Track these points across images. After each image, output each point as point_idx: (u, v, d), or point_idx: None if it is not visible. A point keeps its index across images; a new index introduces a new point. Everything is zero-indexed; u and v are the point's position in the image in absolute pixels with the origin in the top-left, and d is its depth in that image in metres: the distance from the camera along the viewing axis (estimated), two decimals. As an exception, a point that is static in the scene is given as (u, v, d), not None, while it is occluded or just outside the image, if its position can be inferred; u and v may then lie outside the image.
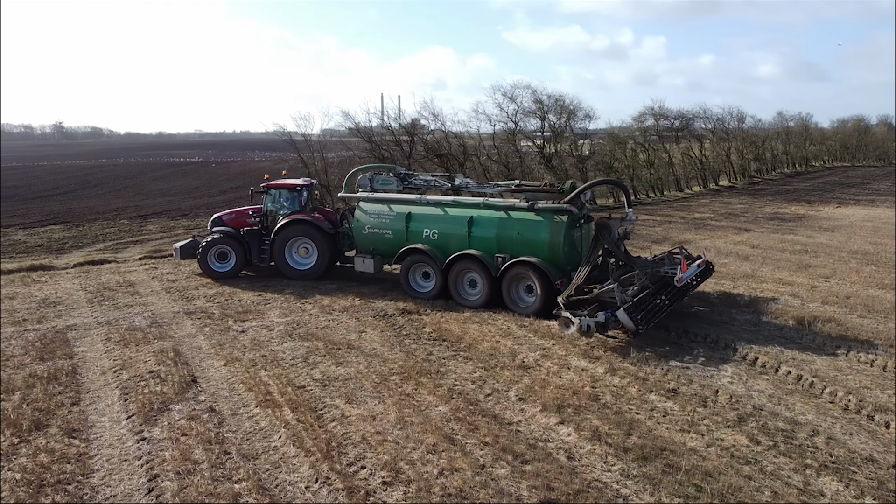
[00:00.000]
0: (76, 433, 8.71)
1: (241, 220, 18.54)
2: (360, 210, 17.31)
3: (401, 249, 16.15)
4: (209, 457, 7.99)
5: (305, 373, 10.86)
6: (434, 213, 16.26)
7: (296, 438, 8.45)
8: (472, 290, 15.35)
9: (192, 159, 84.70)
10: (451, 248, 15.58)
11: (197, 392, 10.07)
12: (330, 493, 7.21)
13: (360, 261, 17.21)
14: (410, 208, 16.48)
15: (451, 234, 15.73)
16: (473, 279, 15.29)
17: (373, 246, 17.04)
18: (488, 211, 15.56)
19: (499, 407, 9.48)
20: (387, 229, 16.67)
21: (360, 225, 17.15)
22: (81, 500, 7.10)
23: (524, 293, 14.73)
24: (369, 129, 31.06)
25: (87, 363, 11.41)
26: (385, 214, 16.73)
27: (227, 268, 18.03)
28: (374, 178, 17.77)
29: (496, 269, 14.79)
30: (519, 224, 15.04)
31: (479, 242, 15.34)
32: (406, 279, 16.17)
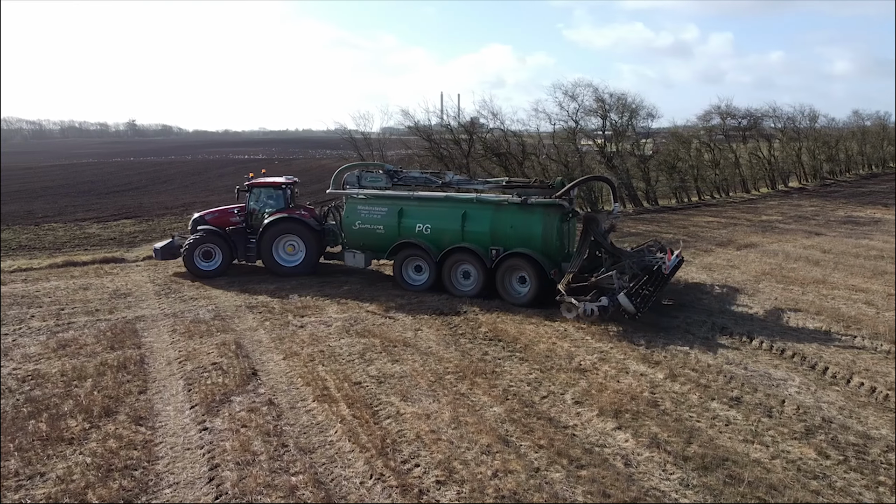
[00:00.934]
0: (143, 421, 9.03)
1: (224, 219, 18.55)
2: (351, 206, 17.69)
3: (393, 244, 16.74)
4: (267, 449, 8.16)
5: (361, 369, 10.97)
6: (427, 208, 16.82)
7: (351, 434, 8.55)
8: (465, 282, 16.09)
9: (256, 156, 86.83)
10: (445, 241, 16.26)
11: (257, 385, 10.30)
12: (384, 489, 7.26)
13: (351, 255, 17.73)
14: (402, 204, 17.01)
15: (445, 228, 16.36)
16: (467, 271, 16.04)
17: (363, 241, 17.53)
18: (481, 206, 16.22)
19: (554, 410, 9.36)
20: (378, 225, 17.16)
21: (351, 221, 17.57)
22: (147, 486, 7.35)
23: (517, 284, 15.47)
24: (428, 127, 31.21)
25: (153, 353, 11.83)
26: (376, 210, 17.26)
27: (212, 266, 17.92)
28: (362, 176, 18.17)
29: (491, 261, 15.59)
30: (512, 218, 15.73)
31: (472, 236, 16.04)
32: (399, 272, 16.77)
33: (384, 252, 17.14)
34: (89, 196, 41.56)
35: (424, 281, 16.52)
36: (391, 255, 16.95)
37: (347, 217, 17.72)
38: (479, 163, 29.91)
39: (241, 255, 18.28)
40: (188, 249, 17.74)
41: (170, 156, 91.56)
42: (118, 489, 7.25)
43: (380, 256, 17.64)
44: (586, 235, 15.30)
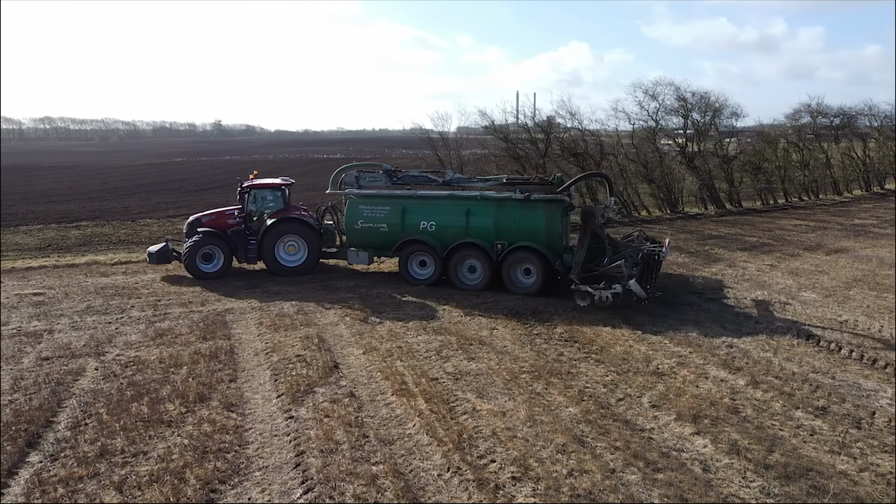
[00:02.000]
0: (234, 407, 9.57)
1: (221, 221, 18.47)
2: (353, 205, 18.06)
3: (397, 241, 17.29)
4: (349, 438, 8.51)
5: (438, 366, 11.22)
6: (431, 206, 17.38)
7: (429, 428, 8.79)
8: (471, 275, 16.83)
9: (335, 156, 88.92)
10: (449, 237, 16.91)
11: (338, 377, 10.71)
12: (461, 483, 7.46)
13: (354, 254, 18.09)
14: (406, 202, 17.52)
15: (449, 224, 17.02)
16: (473, 265, 16.78)
17: (366, 239, 17.95)
18: (485, 203, 16.92)
19: (631, 412, 9.34)
20: (382, 223, 17.61)
21: (353, 220, 17.97)
22: (238, 469, 7.82)
23: (522, 276, 16.34)
24: (505, 127, 31.26)
25: (242, 344, 12.45)
26: (379, 209, 17.70)
27: (214, 268, 17.87)
28: (361, 176, 18.42)
29: (497, 254, 16.37)
30: (515, 213, 16.57)
31: (476, 232, 16.75)
32: (405, 268, 17.38)
33: (387, 249, 17.72)
34: (179, 193, 43.70)
35: (430, 275, 17.16)
36: (396, 253, 17.48)
37: (350, 216, 18.14)
38: (556, 163, 29.74)
39: (241, 256, 18.26)
40: (189, 252, 17.62)
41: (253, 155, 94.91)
42: (213, 469, 7.74)
43: (382, 254, 18.22)
44: (586, 228, 16.19)
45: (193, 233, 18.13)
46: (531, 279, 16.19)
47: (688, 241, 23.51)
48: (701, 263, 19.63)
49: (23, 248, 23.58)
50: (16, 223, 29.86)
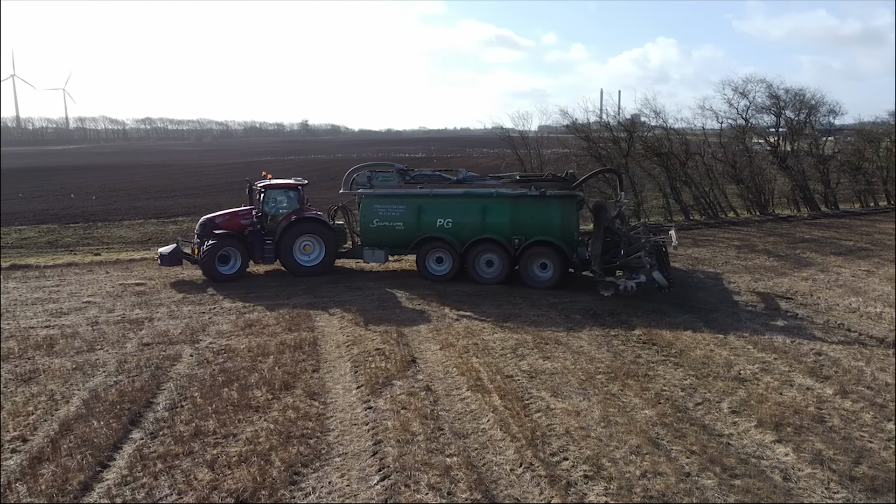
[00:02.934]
0: (316, 396, 10.01)
1: (235, 222, 18.22)
2: (367, 205, 18.27)
3: (414, 239, 17.62)
4: (425, 430, 8.76)
5: (514, 363, 11.34)
6: (447, 204, 17.77)
7: (503, 424, 8.93)
8: (488, 270, 17.31)
9: (416, 155, 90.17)
10: (466, 234, 17.36)
11: (415, 371, 11.00)
12: (533, 478, 7.57)
13: (370, 252, 18.31)
14: (421, 201, 17.88)
15: (466, 221, 17.47)
16: (490, 259, 17.26)
17: (382, 238, 18.17)
18: (501, 200, 17.44)
19: (709, 417, 9.17)
20: (398, 222, 17.93)
21: (368, 219, 18.20)
22: (320, 454, 8.21)
23: (538, 270, 16.89)
24: (586, 126, 30.93)
25: (325, 336, 12.96)
26: (395, 208, 17.99)
27: (232, 270, 17.64)
28: (374, 176, 18.69)
29: (514, 249, 16.88)
30: (531, 209, 17.16)
31: (493, 228, 17.24)
32: (423, 264, 17.73)
33: (403, 248, 18.03)
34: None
35: (447, 271, 17.57)
36: (413, 250, 17.80)
37: (365, 215, 18.34)
38: (639, 163, 29.21)
39: (258, 257, 18.12)
40: (208, 255, 17.31)
41: (337, 154, 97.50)
42: (296, 454, 8.15)
43: (398, 252, 18.51)
44: (599, 222, 16.80)
45: (208, 234, 17.83)
46: (547, 273, 16.82)
47: (777, 245, 22.62)
48: (791, 267, 18.87)
49: (126, 241, 25.25)
50: (119, 218, 31.96)
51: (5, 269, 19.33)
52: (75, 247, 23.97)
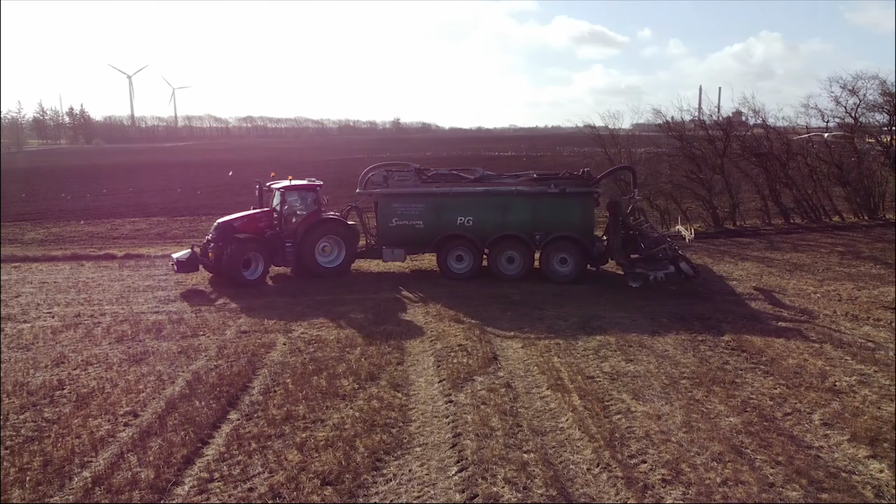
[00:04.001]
0: (399, 388, 10.36)
1: (254, 225, 17.66)
2: (386, 204, 18.23)
3: (435, 237, 17.76)
4: (503, 426, 8.92)
5: (595, 364, 11.32)
6: (467, 202, 17.94)
7: (581, 423, 8.98)
8: (510, 266, 17.69)
9: (506, 153, 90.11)
10: (487, 231, 17.66)
11: (496, 368, 11.18)
12: (609, 479, 7.59)
13: (390, 252, 18.24)
14: (441, 200, 18.00)
15: (487, 219, 17.73)
16: (511, 256, 17.67)
17: (401, 237, 18.18)
18: (521, 197, 17.82)
19: (798, 428, 8.87)
20: (417, 220, 18.03)
21: (387, 218, 18.20)
22: (401, 443, 8.53)
23: (558, 265, 17.47)
24: (680, 125, 30.08)
25: (410, 331, 13.34)
26: (414, 206, 18.05)
27: (254, 275, 16.99)
28: (390, 175, 18.58)
29: (536, 245, 17.39)
30: (552, 206, 17.67)
31: (514, 225, 17.60)
32: (444, 262, 17.89)
33: (422, 246, 18.19)
34: (360, 188, 46.65)
35: (467, 269, 17.81)
36: (434, 248, 17.93)
37: (383, 215, 18.27)
38: (735, 163, 28.13)
39: (279, 260, 17.61)
40: (232, 260, 16.58)
41: (426, 152, 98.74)
42: (379, 441, 8.51)
43: (417, 251, 18.58)
44: (615, 217, 17.40)
45: (227, 238, 16.98)
46: (567, 267, 17.46)
47: (885, 252, 21.28)
48: (899, 276, 17.75)
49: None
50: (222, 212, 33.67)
51: (120, 257, 20.93)
52: (182, 238, 25.56)
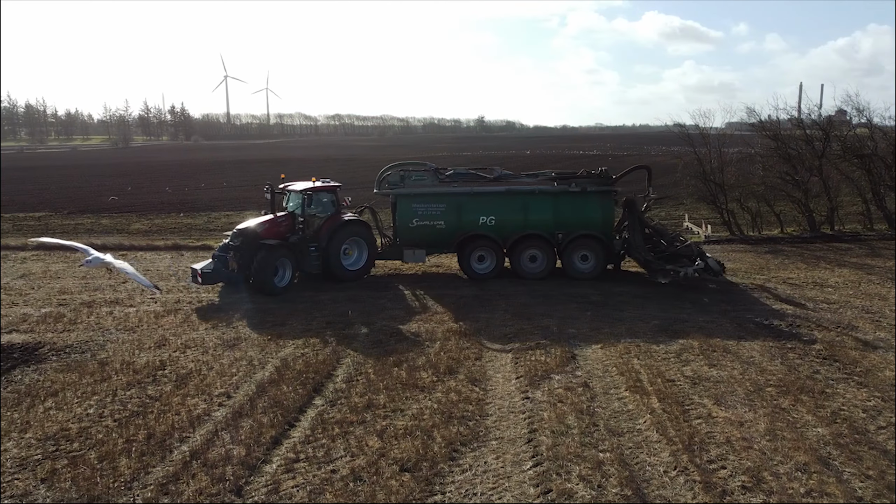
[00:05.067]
0: (477, 382, 10.55)
1: (276, 230, 16.65)
2: (405, 204, 18.05)
3: (455, 237, 17.62)
4: (580, 424, 8.96)
5: (676, 368, 11.13)
6: (489, 201, 17.93)
7: (660, 426, 8.89)
8: (532, 265, 17.70)
9: (591, 152, 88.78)
10: (509, 231, 17.65)
11: (574, 367, 11.18)
12: (686, 482, 7.51)
13: (411, 252, 18.05)
14: (462, 199, 17.92)
15: (509, 218, 17.75)
16: (534, 255, 17.68)
17: (422, 237, 18.02)
18: (543, 196, 17.98)
19: (893, 443, 8.47)
20: (438, 220, 17.88)
21: (407, 218, 18.01)
22: (477, 435, 8.71)
23: (579, 262, 17.64)
24: (775, 124, 28.84)
25: (488, 327, 13.49)
26: (435, 206, 17.89)
27: (283, 282, 16.16)
28: (407, 175, 18.41)
29: (558, 244, 17.47)
30: (573, 205, 17.89)
31: (536, 224, 17.67)
32: (467, 263, 17.74)
33: (444, 247, 18.08)
34: (443, 186, 47.15)
35: (490, 269, 17.69)
36: (457, 248, 17.73)
37: (403, 215, 18.01)
38: (836, 164, 26.71)
39: (305, 265, 16.84)
40: (262, 268, 15.62)
41: (510, 150, 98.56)
42: (456, 433, 8.72)
43: (437, 251, 18.49)
44: (633, 215, 17.82)
45: (255, 245, 15.94)
46: (589, 264, 17.66)
47: None
48: None
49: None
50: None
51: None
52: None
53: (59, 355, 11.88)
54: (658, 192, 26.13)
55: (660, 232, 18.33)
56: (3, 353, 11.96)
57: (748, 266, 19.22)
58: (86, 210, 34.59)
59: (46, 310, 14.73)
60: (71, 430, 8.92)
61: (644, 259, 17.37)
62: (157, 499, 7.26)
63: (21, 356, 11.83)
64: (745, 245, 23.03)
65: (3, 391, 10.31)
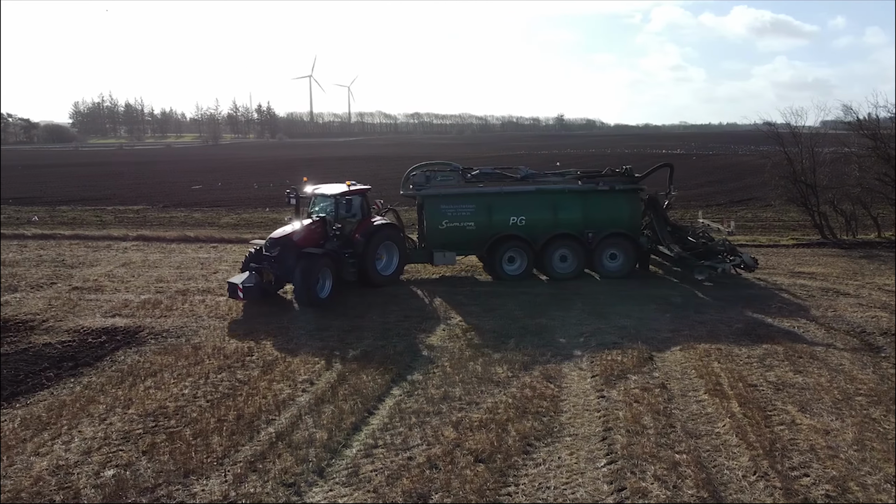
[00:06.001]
0: (552, 379, 10.60)
1: (312, 238, 15.53)
2: (433, 206, 17.57)
3: (488, 239, 17.25)
4: (656, 424, 8.89)
5: (759, 373, 10.83)
6: (519, 201, 17.67)
7: (739, 430, 8.71)
8: (562, 265, 17.48)
9: (674, 151, 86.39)
10: (539, 231, 17.39)
11: (652, 368, 11.06)
12: (766, 488, 7.35)
13: (441, 255, 17.51)
14: (491, 200, 17.64)
15: (539, 218, 17.51)
16: (564, 255, 17.47)
17: (452, 239, 17.55)
18: (572, 195, 17.97)
19: None
20: (468, 222, 17.47)
21: (437, 220, 17.50)
22: (551, 431, 8.78)
23: (608, 261, 17.56)
24: (874, 123, 27.34)
25: (565, 326, 13.50)
26: (464, 207, 17.51)
27: (325, 293, 15.09)
28: (432, 176, 18.04)
29: (589, 243, 17.30)
30: (602, 203, 17.83)
31: (566, 223, 17.51)
32: (499, 265, 17.34)
33: (474, 248, 17.74)
34: (521, 184, 47.08)
35: (521, 270, 17.39)
36: (489, 250, 17.31)
37: (432, 217, 17.50)
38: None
39: (344, 273, 15.75)
40: (305, 279, 14.56)
41: (590, 149, 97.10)
42: (530, 427, 8.83)
43: (467, 253, 18.08)
44: (657, 212, 18.35)
45: (296, 255, 14.85)
46: (617, 262, 17.60)
47: None
48: None
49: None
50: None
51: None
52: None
53: (157, 339, 12.70)
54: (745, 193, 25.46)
55: (681, 229, 18.65)
56: (107, 335, 12.90)
57: (840, 271, 18.38)
58: (179, 204, 36.53)
59: (145, 296, 15.73)
60: (168, 408, 9.56)
61: (679, 256, 17.32)
62: (246, 475, 7.71)
63: (123, 338, 12.72)
64: (838, 249, 22.02)
65: (108, 370, 11.14)
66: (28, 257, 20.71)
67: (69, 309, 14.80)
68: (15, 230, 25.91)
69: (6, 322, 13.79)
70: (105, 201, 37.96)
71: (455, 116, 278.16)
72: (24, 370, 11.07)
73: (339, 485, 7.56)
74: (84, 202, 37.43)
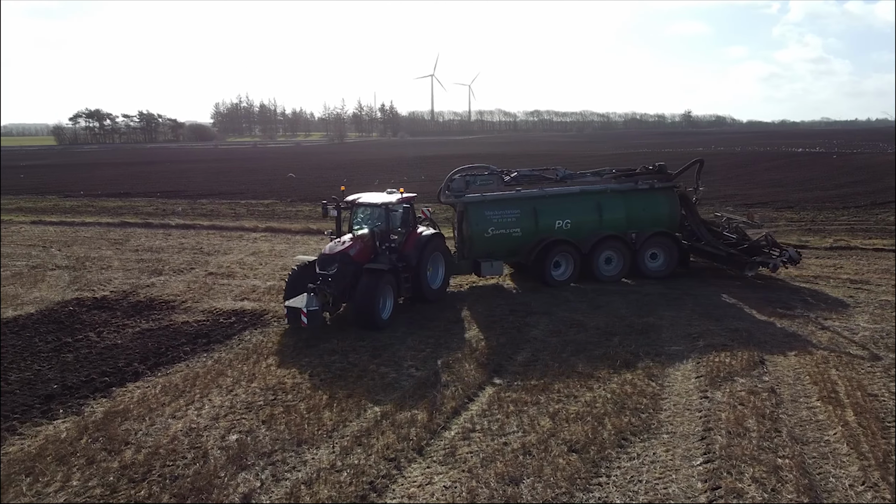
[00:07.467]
0: (654, 378, 10.52)
1: (366, 252, 14.10)
2: (477, 212, 16.48)
3: (536, 245, 16.33)
4: (759, 428, 8.66)
5: (882, 383, 10.21)
6: (563, 204, 17.01)
7: (852, 439, 8.33)
8: (608, 267, 16.94)
9: (813, 150, 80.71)
10: (584, 233, 16.82)
11: (762, 372, 10.70)
12: (875, 498, 7.04)
13: (489, 265, 16.41)
14: (536, 203, 16.83)
15: (584, 220, 16.99)
16: (609, 257, 16.91)
17: (497, 247, 16.61)
18: (614, 195, 17.43)
19: None
20: (514, 228, 16.61)
21: (482, 228, 16.48)
22: (649, 427, 8.78)
23: (649, 260, 17.11)
24: None
25: (673, 325, 13.26)
26: (509, 213, 16.64)
27: (387, 312, 13.58)
28: (472, 180, 17.02)
29: (634, 243, 16.81)
30: (642, 203, 17.47)
31: (610, 224, 17.07)
32: (548, 271, 16.36)
33: (520, 255, 16.73)
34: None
35: (568, 275, 16.61)
36: (537, 257, 16.26)
37: (477, 225, 16.37)
38: None
39: (403, 289, 14.40)
40: (367, 298, 13.08)
41: (718, 147, 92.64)
42: (627, 423, 8.87)
43: (512, 260, 17.17)
44: (690, 209, 18.11)
45: (353, 271, 13.52)
46: (658, 262, 17.20)
47: None
48: None
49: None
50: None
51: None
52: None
53: (280, 322, 13.73)
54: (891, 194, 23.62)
55: (713, 225, 18.46)
56: (236, 316, 14.12)
57: None
58: (305, 199, 38.61)
59: (271, 283, 17.00)
60: (286, 384, 10.41)
61: (726, 253, 16.83)
62: (352, 448, 8.32)
63: (250, 320, 13.88)
64: None
65: (236, 347, 12.24)
66: (171, 244, 22.88)
67: (205, 292, 16.29)
68: (161, 220, 28.62)
69: (152, 301, 15.43)
70: (239, 195, 40.80)
71: (576, 114, 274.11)
72: (165, 344, 12.41)
73: (437, 463, 8.00)
74: (221, 196, 40.42)
